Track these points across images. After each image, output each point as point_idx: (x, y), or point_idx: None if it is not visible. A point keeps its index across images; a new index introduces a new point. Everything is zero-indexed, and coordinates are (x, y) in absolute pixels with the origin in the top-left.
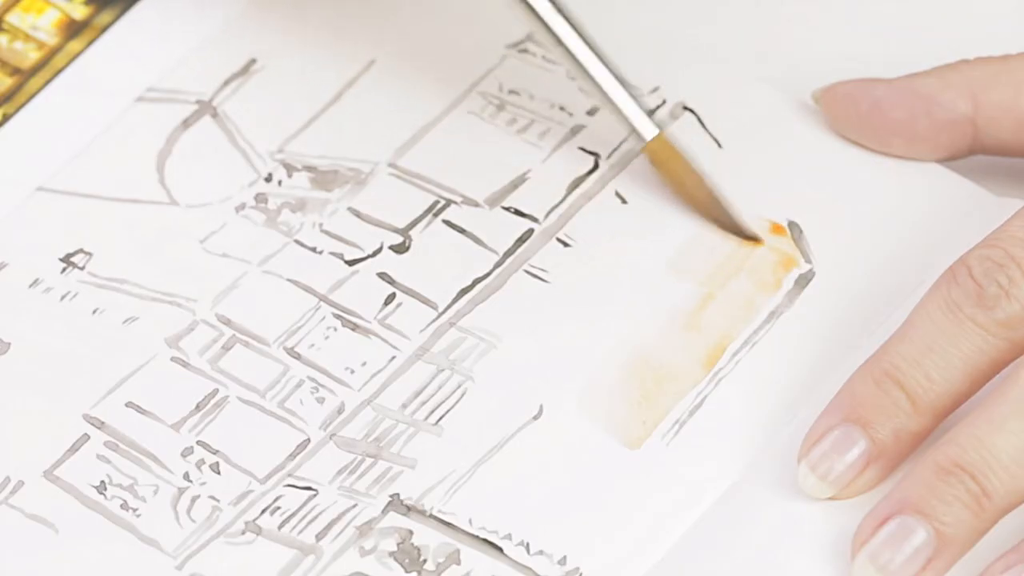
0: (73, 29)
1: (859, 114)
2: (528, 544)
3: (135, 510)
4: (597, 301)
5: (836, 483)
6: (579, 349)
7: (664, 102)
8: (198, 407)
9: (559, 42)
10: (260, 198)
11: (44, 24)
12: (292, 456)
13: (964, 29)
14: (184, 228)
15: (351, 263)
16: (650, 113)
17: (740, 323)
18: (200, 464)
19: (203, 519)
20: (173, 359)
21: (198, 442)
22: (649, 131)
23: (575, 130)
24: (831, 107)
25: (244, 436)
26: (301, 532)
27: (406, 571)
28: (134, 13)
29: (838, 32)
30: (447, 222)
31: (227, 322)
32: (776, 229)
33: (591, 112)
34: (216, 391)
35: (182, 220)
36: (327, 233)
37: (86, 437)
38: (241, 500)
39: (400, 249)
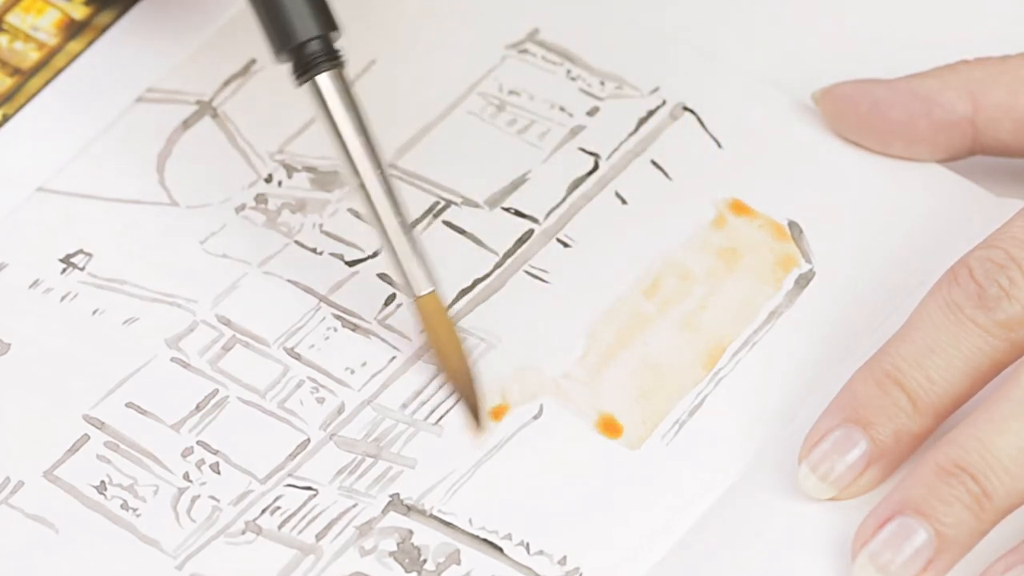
0: (73, 29)
1: (859, 115)
2: (528, 544)
3: (135, 510)
4: (597, 301)
5: (837, 484)
6: (579, 349)
7: (664, 102)
8: (198, 407)
9: (357, 173)
10: (260, 199)
11: (44, 24)
12: (292, 456)
13: (964, 29)
14: (184, 229)
15: (351, 264)
16: (426, 269)
17: (740, 323)
18: (200, 464)
19: (203, 519)
20: (173, 359)
21: (198, 442)
22: (424, 287)
23: (575, 131)
24: (831, 108)
25: (244, 436)
26: (301, 532)
27: (406, 571)
28: (134, 13)
29: (838, 32)
30: (447, 223)
31: (227, 323)
32: (776, 229)
33: (591, 112)
34: (216, 391)
35: (182, 220)
36: (327, 234)
37: (86, 437)
38: (241, 500)
39: None
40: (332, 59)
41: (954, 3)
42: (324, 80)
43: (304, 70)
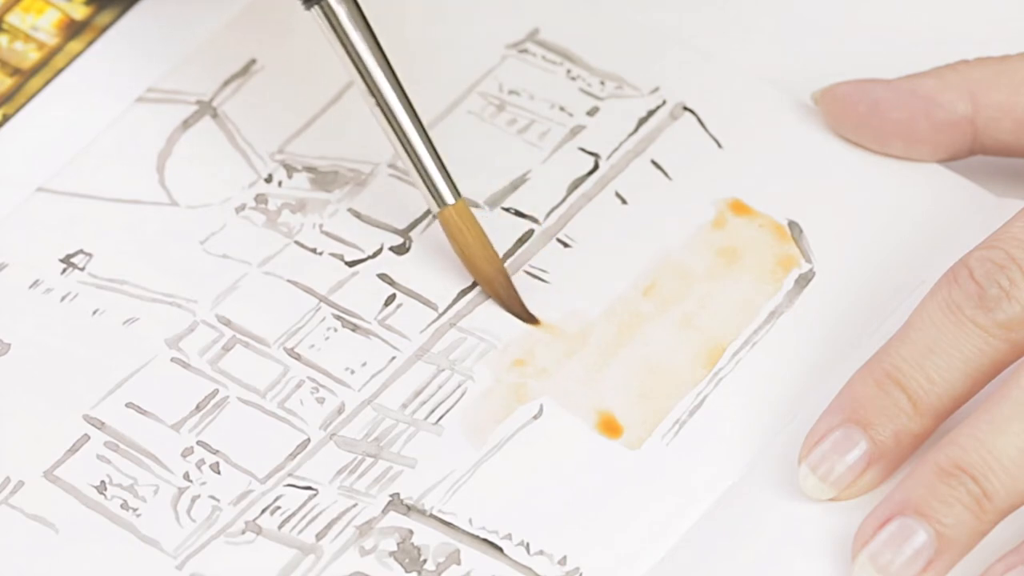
0: (73, 29)
1: (858, 115)
2: (528, 544)
3: (135, 510)
4: (597, 302)
5: (837, 484)
6: (578, 349)
7: (664, 102)
8: (198, 407)
9: (374, 92)
10: (260, 199)
11: (44, 24)
12: (292, 456)
13: (964, 29)
14: (184, 229)
15: (351, 264)
16: (450, 180)
17: (740, 323)
18: (200, 464)
19: (203, 519)
20: (173, 360)
21: (198, 442)
22: (450, 197)
23: (575, 130)
24: (830, 108)
25: (244, 436)
26: (301, 532)
27: (406, 571)
28: (134, 13)
29: (838, 32)
30: None
31: (227, 323)
32: (776, 229)
33: (591, 112)
34: (216, 391)
35: (182, 221)
36: (327, 234)
37: (86, 437)
38: (241, 500)
39: (400, 250)
40: None
41: (954, 3)
42: (333, 2)
43: None
